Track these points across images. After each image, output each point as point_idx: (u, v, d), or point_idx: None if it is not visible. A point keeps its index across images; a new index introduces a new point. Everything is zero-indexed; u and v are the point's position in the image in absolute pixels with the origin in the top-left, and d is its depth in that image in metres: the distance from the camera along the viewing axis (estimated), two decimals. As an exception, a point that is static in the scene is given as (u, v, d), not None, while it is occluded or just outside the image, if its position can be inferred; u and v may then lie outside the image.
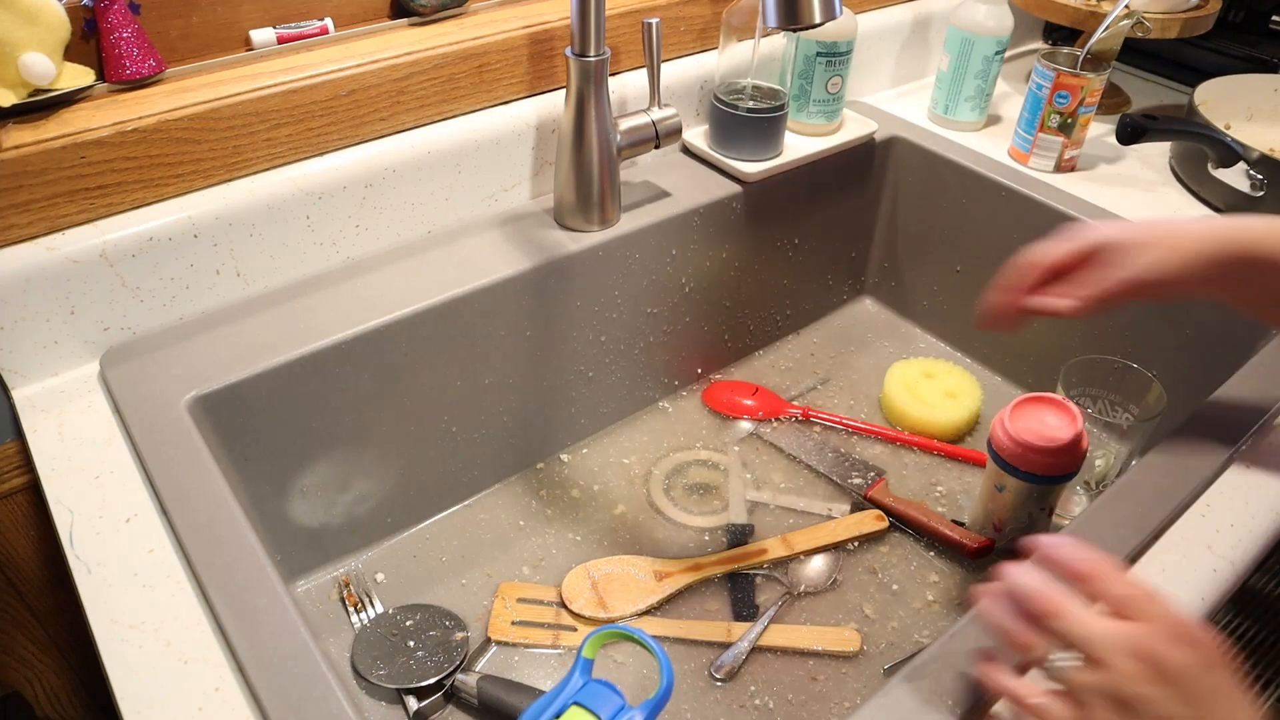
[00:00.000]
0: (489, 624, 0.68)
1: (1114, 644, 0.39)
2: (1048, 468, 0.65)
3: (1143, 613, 0.40)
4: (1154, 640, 0.39)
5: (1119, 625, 0.40)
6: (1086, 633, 0.40)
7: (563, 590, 0.70)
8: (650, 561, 0.73)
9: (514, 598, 0.70)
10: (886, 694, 0.45)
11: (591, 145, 0.70)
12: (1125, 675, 0.39)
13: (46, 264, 0.57)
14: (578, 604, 0.70)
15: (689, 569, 0.72)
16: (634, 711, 0.44)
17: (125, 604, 0.48)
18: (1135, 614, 0.40)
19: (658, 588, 0.70)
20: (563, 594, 0.70)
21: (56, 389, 0.61)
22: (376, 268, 0.69)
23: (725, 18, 0.78)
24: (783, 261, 0.91)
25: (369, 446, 0.69)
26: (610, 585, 0.71)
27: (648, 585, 0.71)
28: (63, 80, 0.59)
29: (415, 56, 0.68)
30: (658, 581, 0.71)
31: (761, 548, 0.73)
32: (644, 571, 0.72)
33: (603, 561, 0.73)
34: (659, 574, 0.71)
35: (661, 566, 0.72)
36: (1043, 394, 0.68)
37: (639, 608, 0.69)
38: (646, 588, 0.71)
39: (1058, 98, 0.85)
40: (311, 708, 0.43)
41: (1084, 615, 0.40)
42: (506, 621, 0.68)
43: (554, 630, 0.68)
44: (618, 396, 0.85)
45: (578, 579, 0.71)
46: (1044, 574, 0.42)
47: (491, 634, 0.68)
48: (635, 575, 0.71)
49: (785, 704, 0.64)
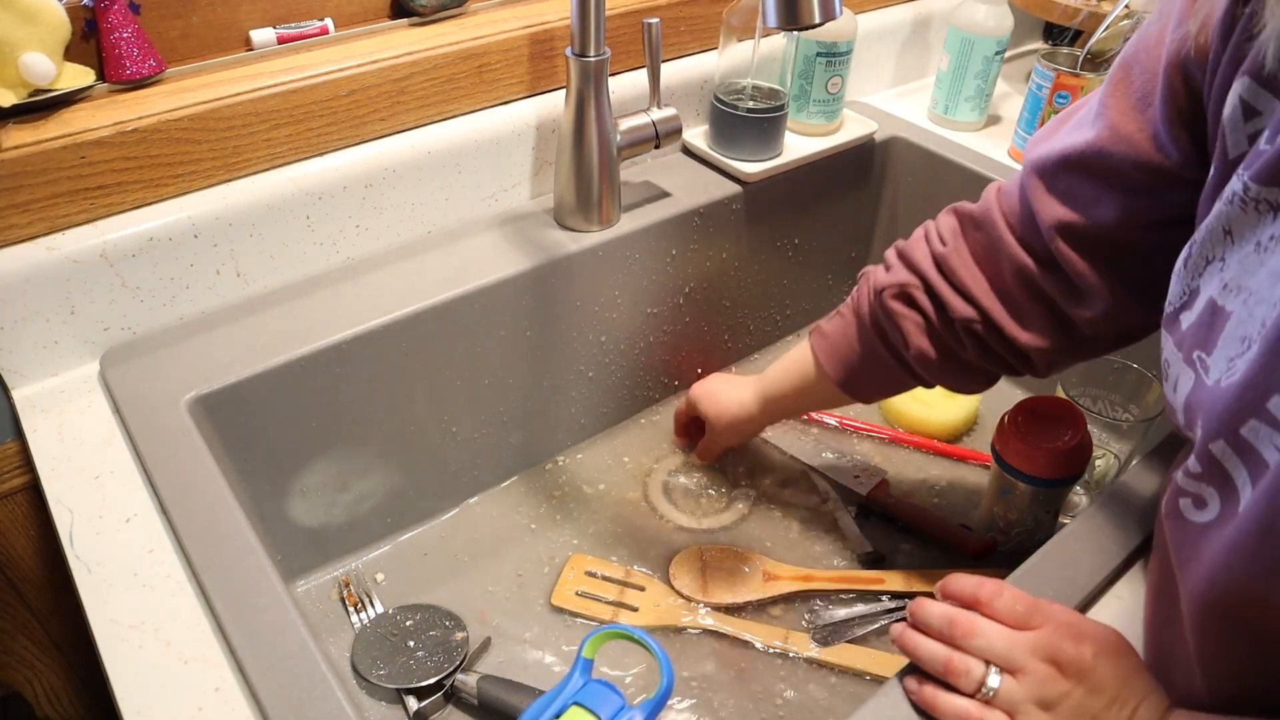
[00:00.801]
0: (553, 591, 0.70)
1: (1025, 651, 0.43)
2: (1054, 471, 0.65)
3: (1040, 619, 0.44)
4: (1055, 640, 0.43)
5: (1024, 634, 0.43)
6: (1003, 645, 0.43)
7: (671, 566, 0.72)
8: (763, 560, 0.73)
9: (583, 569, 0.71)
10: (886, 694, 0.45)
11: (591, 145, 0.70)
12: (1041, 678, 0.42)
13: (47, 264, 0.57)
14: (681, 581, 0.71)
15: (799, 578, 0.72)
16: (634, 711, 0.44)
17: (125, 604, 0.48)
18: (1035, 622, 0.44)
19: (762, 587, 0.71)
20: (670, 570, 0.72)
21: (56, 389, 0.61)
22: (376, 268, 0.69)
23: (725, 18, 0.78)
24: (783, 261, 0.91)
25: (369, 446, 0.69)
26: (718, 573, 0.72)
27: (753, 582, 0.71)
28: (63, 80, 0.59)
29: (415, 56, 0.68)
30: (764, 581, 0.71)
31: (880, 576, 0.72)
32: (754, 568, 0.72)
33: (716, 549, 0.73)
34: (767, 575, 0.72)
35: (772, 568, 0.72)
36: (1046, 396, 0.68)
37: (737, 600, 0.70)
38: (751, 585, 0.71)
39: (1058, 98, 0.85)
40: (311, 708, 0.43)
41: (996, 629, 0.44)
42: (571, 590, 0.69)
43: (615, 607, 0.69)
44: (618, 396, 0.85)
45: (689, 558, 0.72)
46: (947, 605, 0.46)
47: (554, 600, 0.69)
48: (744, 570, 0.72)
49: (805, 712, 0.64)
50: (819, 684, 0.65)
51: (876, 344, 0.61)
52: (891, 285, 0.59)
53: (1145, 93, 0.45)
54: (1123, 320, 0.52)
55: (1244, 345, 0.36)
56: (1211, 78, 0.41)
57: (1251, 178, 0.37)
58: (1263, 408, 0.34)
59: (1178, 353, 0.41)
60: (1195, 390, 0.39)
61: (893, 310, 0.59)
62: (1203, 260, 0.40)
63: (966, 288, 0.55)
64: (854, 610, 0.69)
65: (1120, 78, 0.47)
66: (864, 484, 0.79)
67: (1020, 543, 0.71)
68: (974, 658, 0.43)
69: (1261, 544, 0.34)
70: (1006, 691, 0.42)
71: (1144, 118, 0.45)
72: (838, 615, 0.69)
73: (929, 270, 0.57)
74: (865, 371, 0.63)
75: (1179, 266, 0.42)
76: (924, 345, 0.58)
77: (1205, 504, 0.38)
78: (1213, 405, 0.37)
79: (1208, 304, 0.39)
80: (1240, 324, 0.37)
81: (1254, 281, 0.36)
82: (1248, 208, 0.37)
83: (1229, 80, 0.39)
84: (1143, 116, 0.45)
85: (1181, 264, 0.42)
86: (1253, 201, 0.37)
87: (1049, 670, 0.42)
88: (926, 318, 0.58)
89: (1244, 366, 0.36)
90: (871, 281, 0.61)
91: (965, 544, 0.73)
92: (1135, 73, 0.46)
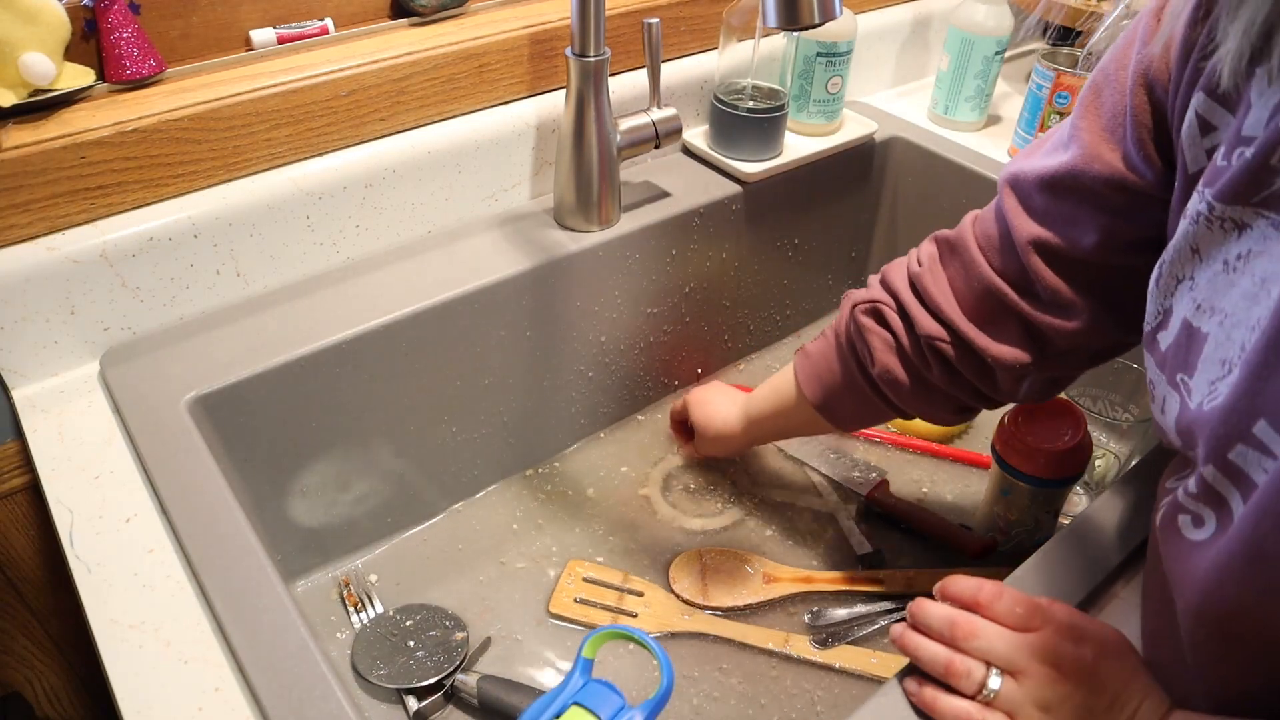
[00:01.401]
0: (550, 598, 0.69)
1: (1025, 652, 0.43)
2: (1054, 471, 0.65)
3: (1040, 621, 0.44)
4: (1055, 642, 0.43)
5: (1024, 636, 0.44)
6: (1003, 647, 0.43)
7: (671, 569, 0.72)
8: (763, 562, 0.73)
9: (581, 576, 0.71)
10: (886, 694, 0.45)
11: (591, 145, 0.70)
12: (1041, 680, 0.42)
13: (47, 264, 0.57)
14: (680, 584, 0.71)
15: (800, 579, 0.71)
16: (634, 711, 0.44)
17: (125, 604, 0.48)
18: (1035, 624, 0.44)
19: (763, 589, 0.71)
20: (670, 573, 0.71)
21: (57, 389, 0.61)
22: (376, 268, 0.69)
23: (725, 18, 0.78)
24: (783, 261, 0.91)
25: (369, 446, 0.69)
26: (718, 575, 0.71)
27: (754, 585, 0.71)
28: (63, 80, 0.59)
29: (415, 56, 0.68)
30: (764, 584, 0.71)
31: (879, 578, 0.71)
32: (755, 569, 0.72)
33: (716, 551, 0.73)
34: (768, 576, 0.71)
35: (772, 570, 0.72)
36: (1044, 395, 0.68)
37: (737, 604, 0.70)
38: (752, 587, 0.71)
39: (1058, 98, 0.85)
40: (311, 708, 0.43)
41: (997, 631, 0.44)
42: (569, 598, 0.69)
43: (614, 614, 0.69)
44: (617, 397, 0.85)
45: (688, 561, 0.72)
46: (947, 606, 0.46)
47: (552, 608, 0.69)
48: (746, 571, 0.72)
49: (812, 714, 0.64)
50: (819, 685, 0.65)
51: (851, 363, 0.61)
52: (864, 301, 0.59)
53: (1116, 113, 0.45)
54: (1099, 337, 0.51)
55: (1224, 369, 0.36)
56: (1174, 96, 0.41)
57: (1214, 196, 0.37)
58: (1249, 433, 0.34)
59: (1161, 374, 0.41)
60: (1182, 413, 0.39)
61: (862, 325, 0.59)
62: (1173, 279, 0.40)
63: (937, 306, 0.55)
64: (854, 611, 0.69)
65: (1091, 100, 0.47)
66: (864, 484, 0.79)
67: (1020, 543, 0.71)
68: (975, 659, 0.43)
69: (1249, 564, 0.34)
70: (1007, 693, 0.42)
71: (1115, 138, 0.46)
72: (838, 616, 0.69)
73: (902, 288, 0.57)
74: (841, 393, 0.63)
75: (1151, 285, 0.42)
76: (890, 363, 0.58)
77: (1203, 523, 0.38)
78: (1200, 429, 0.37)
79: (1182, 325, 0.39)
80: (1218, 346, 0.37)
81: (1227, 303, 0.37)
82: (1213, 226, 0.37)
83: (1189, 97, 0.40)
84: (1114, 137, 0.46)
85: (1154, 283, 0.42)
86: (1217, 220, 0.37)
87: (1049, 672, 0.42)
88: (895, 335, 0.58)
89: (1226, 391, 0.36)
90: (850, 299, 0.61)
91: (965, 544, 0.73)
92: (1105, 94, 0.46)
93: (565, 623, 0.68)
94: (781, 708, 0.64)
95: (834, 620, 0.68)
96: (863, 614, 0.69)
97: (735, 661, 0.67)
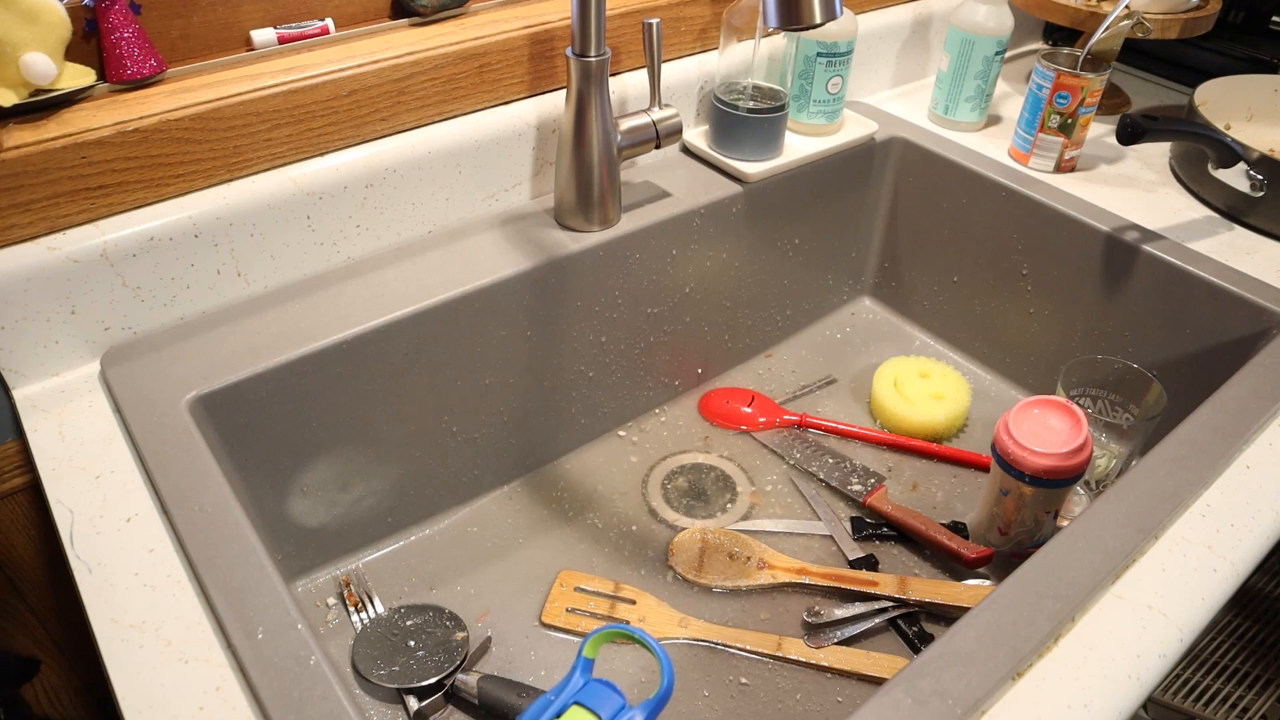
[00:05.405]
0: (543, 608, 0.69)
1: None
2: (1055, 471, 0.65)
3: None
4: None
5: None
6: None
7: (672, 544, 0.73)
8: (763, 549, 0.74)
9: (573, 585, 0.71)
10: (886, 694, 0.45)
11: (592, 145, 0.70)
12: None
13: (47, 264, 0.57)
14: (678, 558, 0.72)
15: (794, 570, 0.72)
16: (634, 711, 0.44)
17: (126, 604, 0.48)
18: None
19: (756, 574, 0.71)
20: (670, 546, 0.73)
21: (57, 389, 0.61)
22: (376, 268, 0.69)
23: (725, 18, 0.78)
24: (783, 261, 0.91)
25: (369, 446, 0.69)
26: (716, 555, 0.72)
27: (748, 570, 0.72)
28: (63, 80, 0.59)
29: (416, 57, 0.68)
30: (758, 569, 0.72)
31: (874, 579, 0.71)
32: (753, 555, 0.73)
33: (720, 532, 0.74)
34: (763, 563, 0.72)
35: (770, 558, 0.73)
36: (1046, 397, 0.68)
37: (727, 585, 0.71)
38: (746, 571, 0.72)
39: (1058, 98, 0.85)
40: (311, 708, 0.43)
41: None
42: (561, 608, 0.69)
43: (606, 622, 0.69)
44: (618, 397, 0.85)
45: (690, 537, 0.74)
46: None
47: (544, 618, 0.69)
48: (742, 555, 0.73)
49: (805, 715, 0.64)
50: (816, 687, 0.65)
51: None
52: None
53: None
54: None
55: None
56: None
57: None
58: None
59: None
60: None
61: None
62: None
63: None
64: (851, 610, 0.69)
65: None
66: (861, 490, 0.79)
67: (1020, 543, 0.71)
68: None
69: None
70: None
71: None
72: (834, 615, 0.69)
73: None
74: None
75: None
76: None
77: None
78: None
79: None
80: None
81: None
82: None
83: None
84: None
85: None
86: None
87: None
88: None
89: None
90: None
91: (962, 554, 0.72)
92: None
93: (558, 632, 0.68)
94: (781, 708, 0.64)
95: (830, 620, 0.68)
96: (859, 614, 0.69)
97: (732, 664, 0.67)
